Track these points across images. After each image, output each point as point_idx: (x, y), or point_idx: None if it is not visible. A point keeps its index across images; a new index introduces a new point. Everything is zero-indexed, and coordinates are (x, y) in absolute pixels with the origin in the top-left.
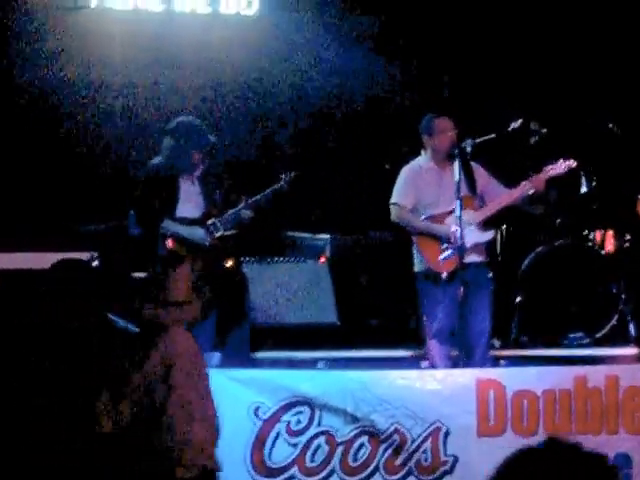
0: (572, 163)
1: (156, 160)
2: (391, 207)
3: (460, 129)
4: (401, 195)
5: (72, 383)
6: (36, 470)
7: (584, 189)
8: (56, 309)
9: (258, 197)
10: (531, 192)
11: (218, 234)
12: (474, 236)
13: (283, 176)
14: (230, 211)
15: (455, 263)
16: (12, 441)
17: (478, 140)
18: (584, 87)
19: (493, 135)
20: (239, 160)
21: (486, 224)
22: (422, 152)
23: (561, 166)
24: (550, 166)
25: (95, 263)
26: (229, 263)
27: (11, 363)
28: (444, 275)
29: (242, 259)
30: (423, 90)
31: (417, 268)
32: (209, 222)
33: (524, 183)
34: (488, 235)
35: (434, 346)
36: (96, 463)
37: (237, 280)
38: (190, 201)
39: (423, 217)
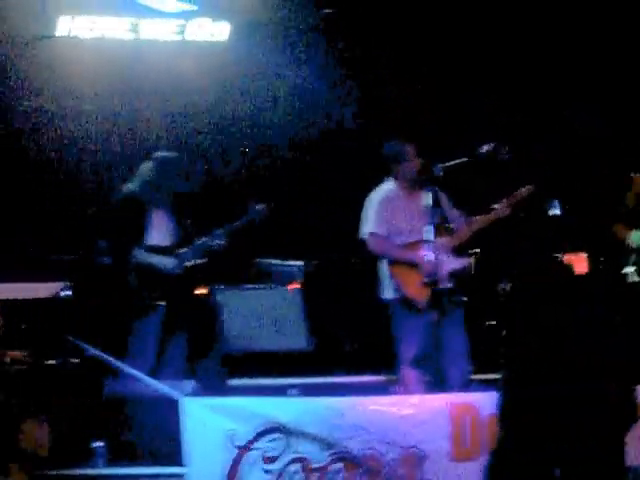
0: (531, 188)
1: (129, 187)
2: (367, 237)
3: (427, 155)
4: (374, 224)
5: None
6: None
7: (555, 212)
8: None
9: (229, 227)
10: (502, 216)
11: (189, 263)
12: (450, 263)
13: (256, 207)
14: (201, 240)
15: (431, 290)
16: None
17: (448, 164)
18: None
19: (464, 159)
20: (210, 187)
21: (459, 250)
22: (388, 179)
23: (525, 191)
24: (517, 191)
25: (67, 292)
26: (202, 291)
27: None
28: (421, 303)
29: (215, 287)
30: (391, 116)
31: (390, 295)
32: (180, 251)
33: (495, 208)
34: (463, 261)
35: (409, 372)
36: None
37: (210, 308)
38: (161, 230)
39: (397, 245)
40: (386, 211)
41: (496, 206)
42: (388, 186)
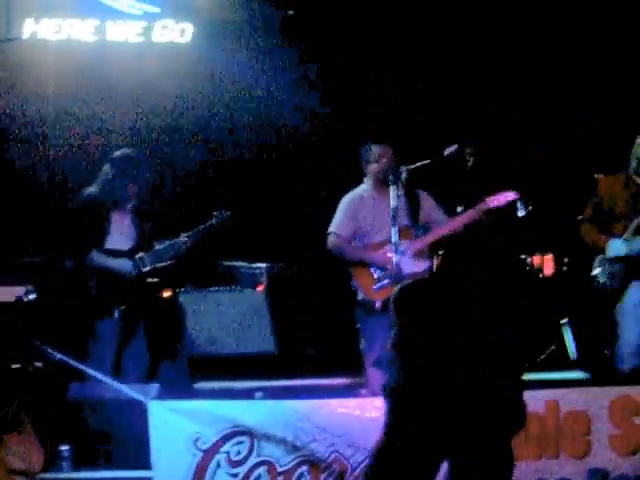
0: (511, 195)
1: (89, 190)
2: (328, 235)
3: (398, 156)
4: (338, 224)
5: None
6: None
7: (521, 213)
8: None
9: (191, 233)
10: (470, 223)
11: (145, 269)
12: (409, 266)
13: (216, 214)
14: (161, 245)
15: (389, 292)
16: None
17: (412, 166)
18: (521, 111)
19: (428, 161)
20: (172, 189)
21: (423, 254)
22: (364, 180)
23: (501, 198)
24: (491, 197)
25: (31, 296)
26: (166, 294)
27: None
28: (377, 304)
29: (179, 289)
30: (353, 118)
31: (358, 296)
32: (137, 256)
33: (465, 214)
34: (424, 265)
35: (374, 374)
36: None
37: (174, 310)
38: (121, 233)
39: (360, 245)
40: (351, 212)
41: (465, 213)
42: (361, 187)
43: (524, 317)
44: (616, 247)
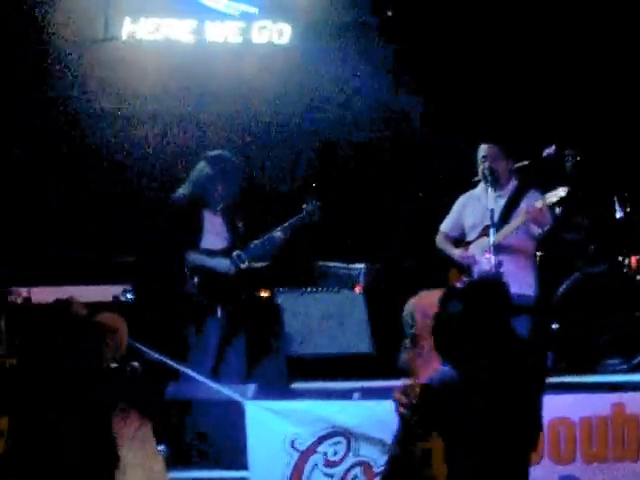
0: (564, 190)
1: (182, 191)
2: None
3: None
4: (445, 222)
5: None
6: None
7: (619, 214)
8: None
9: (284, 226)
10: (532, 223)
11: (243, 265)
12: (483, 264)
13: (305, 205)
14: (254, 243)
15: None
16: None
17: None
18: (618, 112)
19: (527, 162)
20: (271, 188)
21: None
22: None
23: (558, 193)
24: (548, 194)
25: (128, 296)
26: (264, 293)
27: None
28: None
29: (276, 289)
30: (450, 120)
31: None
32: (234, 253)
33: (521, 214)
34: (493, 263)
35: None
36: None
37: (272, 310)
38: (214, 233)
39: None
40: (458, 211)
41: (522, 214)
42: (478, 186)
43: (620, 319)
44: None
